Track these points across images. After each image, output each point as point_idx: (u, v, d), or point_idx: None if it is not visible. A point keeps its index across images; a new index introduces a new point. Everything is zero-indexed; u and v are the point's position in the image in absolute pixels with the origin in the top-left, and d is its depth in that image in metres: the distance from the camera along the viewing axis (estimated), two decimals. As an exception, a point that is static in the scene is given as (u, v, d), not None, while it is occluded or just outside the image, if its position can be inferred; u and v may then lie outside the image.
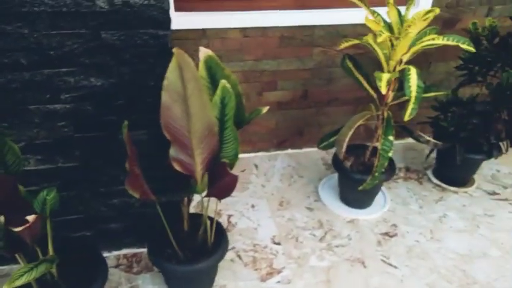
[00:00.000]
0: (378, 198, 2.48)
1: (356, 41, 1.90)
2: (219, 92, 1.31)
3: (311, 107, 2.79)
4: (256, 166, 2.76)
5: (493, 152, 2.39)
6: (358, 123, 1.97)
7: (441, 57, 2.77)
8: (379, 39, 1.69)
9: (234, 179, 1.38)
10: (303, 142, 2.91)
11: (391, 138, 1.87)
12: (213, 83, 1.38)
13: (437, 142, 2.24)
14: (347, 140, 1.95)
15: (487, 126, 2.13)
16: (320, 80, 2.69)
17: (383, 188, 2.55)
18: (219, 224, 1.84)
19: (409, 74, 1.74)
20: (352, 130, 1.96)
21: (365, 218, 2.35)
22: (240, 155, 2.83)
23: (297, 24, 2.46)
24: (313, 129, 2.86)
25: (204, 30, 2.36)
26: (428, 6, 2.55)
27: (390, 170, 2.30)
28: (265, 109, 1.53)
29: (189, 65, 1.25)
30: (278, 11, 2.41)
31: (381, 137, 1.88)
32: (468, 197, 2.55)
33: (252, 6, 2.39)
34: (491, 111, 2.08)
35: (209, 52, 1.38)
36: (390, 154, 1.87)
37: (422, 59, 2.76)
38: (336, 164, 2.30)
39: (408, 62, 2.01)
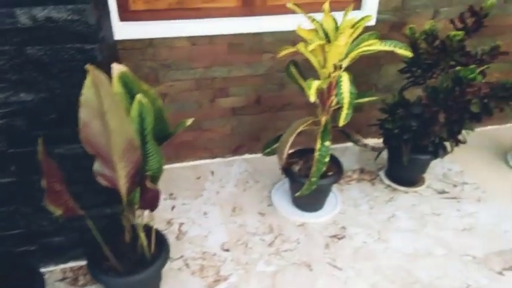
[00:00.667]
0: (330, 200, 2.52)
1: (292, 49, 1.93)
2: (135, 106, 1.32)
3: (266, 112, 2.81)
4: (212, 173, 2.77)
5: (438, 152, 2.45)
6: (299, 129, 2.00)
7: (391, 60, 2.82)
8: (310, 48, 1.72)
9: (155, 193, 1.39)
10: (260, 147, 2.93)
11: (327, 143, 1.91)
12: (132, 98, 1.39)
13: (374, 146, 2.28)
14: (288, 146, 1.98)
15: (426, 128, 2.18)
16: (272, 85, 2.72)
17: (335, 190, 2.59)
18: (159, 234, 1.85)
19: (341, 81, 1.77)
20: (293, 136, 1.99)
21: (315, 221, 2.38)
22: (197, 162, 2.89)
23: (245, 31, 2.48)
24: (269, 133, 2.89)
25: (150, 39, 2.37)
26: (374, 10, 2.60)
27: (338, 173, 2.34)
28: (189, 121, 1.55)
29: (104, 82, 1.25)
30: (225, 18, 2.43)
31: (318, 143, 1.91)
32: (418, 197, 2.60)
33: (198, 14, 2.40)
34: (428, 113, 2.13)
35: (122, 68, 1.39)
36: (326, 159, 1.90)
37: (374, 62, 2.81)
38: (285, 168, 2.33)
39: (358, 65, 2.04)
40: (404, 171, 2.64)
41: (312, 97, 1.66)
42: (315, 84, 1.71)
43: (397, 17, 2.68)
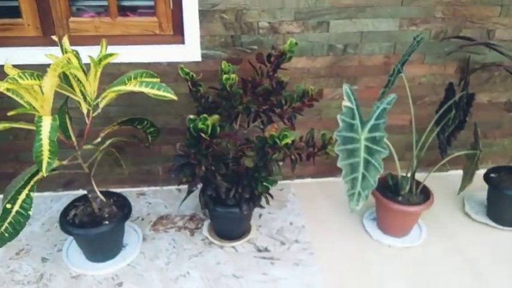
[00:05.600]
0: (130, 249, 2.29)
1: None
2: None
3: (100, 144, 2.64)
4: (31, 207, 2.61)
5: (242, 206, 2.17)
6: (39, 177, 1.81)
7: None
8: (1, 87, 1.55)
9: None
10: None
11: (32, 194, 1.70)
12: None
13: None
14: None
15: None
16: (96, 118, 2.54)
17: (141, 238, 2.36)
18: None
19: (40, 126, 1.58)
20: (30, 185, 1.80)
21: (95, 274, 2.15)
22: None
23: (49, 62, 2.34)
24: (105, 168, 2.71)
25: None
26: (197, 45, 2.40)
27: (119, 221, 2.11)
28: None
29: None
30: (27, 47, 2.31)
31: (24, 193, 1.70)
32: (231, 254, 2.31)
33: (-1, 43, 2.30)
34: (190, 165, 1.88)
35: None
36: (30, 213, 1.69)
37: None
38: (61, 214, 2.14)
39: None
40: (221, 224, 2.37)
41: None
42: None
43: (228, 53, 2.45)
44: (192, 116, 1.67)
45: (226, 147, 2.03)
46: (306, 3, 2.37)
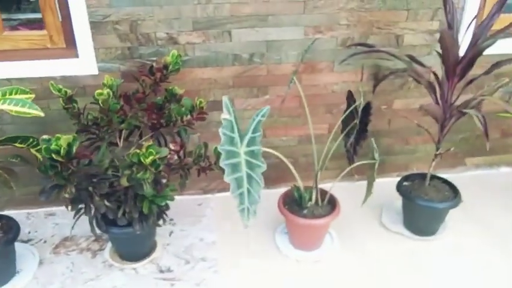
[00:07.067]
0: (23, 275, 2.17)
1: None
2: None
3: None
4: None
5: (134, 226, 2.06)
6: None
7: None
8: None
9: None
10: None
11: None
12: None
13: None
14: None
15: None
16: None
17: (37, 263, 2.24)
18: None
19: None
20: None
21: (-24, 304, 2.03)
22: None
23: None
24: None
25: None
26: (92, 59, 2.30)
27: (4, 244, 1.99)
28: None
29: None
30: None
31: None
32: (131, 276, 2.20)
33: None
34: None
35: None
36: None
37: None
38: None
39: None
40: (120, 245, 2.27)
41: None
42: None
43: (127, 66, 2.36)
44: (45, 137, 1.57)
45: (113, 166, 1.93)
46: (204, 13, 2.30)
